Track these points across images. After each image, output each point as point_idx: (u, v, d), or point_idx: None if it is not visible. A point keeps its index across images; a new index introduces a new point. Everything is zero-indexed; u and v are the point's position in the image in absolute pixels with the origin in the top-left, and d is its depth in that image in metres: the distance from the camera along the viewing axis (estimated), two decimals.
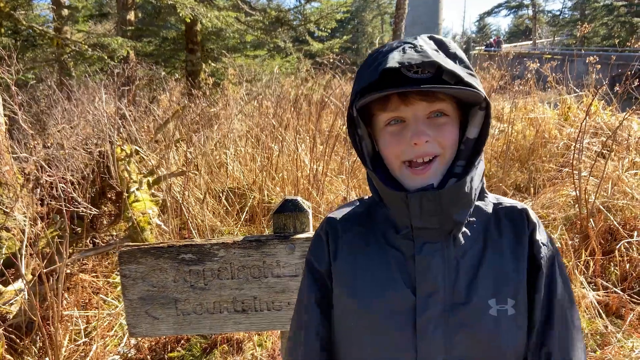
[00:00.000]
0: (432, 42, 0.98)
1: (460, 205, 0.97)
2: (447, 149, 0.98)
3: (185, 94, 7.76)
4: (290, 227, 1.69)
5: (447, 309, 0.97)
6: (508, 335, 0.98)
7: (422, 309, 0.97)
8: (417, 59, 0.90)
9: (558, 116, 6.52)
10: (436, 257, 0.98)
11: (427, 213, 0.96)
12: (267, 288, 1.67)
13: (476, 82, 0.95)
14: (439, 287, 0.97)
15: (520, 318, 0.99)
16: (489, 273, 0.98)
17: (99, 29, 13.08)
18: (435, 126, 0.96)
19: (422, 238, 0.99)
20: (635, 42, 6.70)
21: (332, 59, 6.59)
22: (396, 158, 0.98)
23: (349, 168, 4.80)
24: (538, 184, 5.11)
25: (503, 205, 1.06)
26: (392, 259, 1.01)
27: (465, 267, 0.98)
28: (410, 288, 0.98)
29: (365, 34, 38.02)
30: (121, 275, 1.67)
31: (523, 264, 1.00)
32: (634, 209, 3.82)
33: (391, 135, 0.98)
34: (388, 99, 0.96)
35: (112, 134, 4.52)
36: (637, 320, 3.10)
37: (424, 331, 0.97)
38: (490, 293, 0.97)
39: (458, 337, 0.96)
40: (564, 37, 34.14)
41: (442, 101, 0.96)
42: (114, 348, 3.28)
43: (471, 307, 0.96)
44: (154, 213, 3.55)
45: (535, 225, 1.04)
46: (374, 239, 1.05)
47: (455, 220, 0.97)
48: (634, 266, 3.43)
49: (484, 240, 1.01)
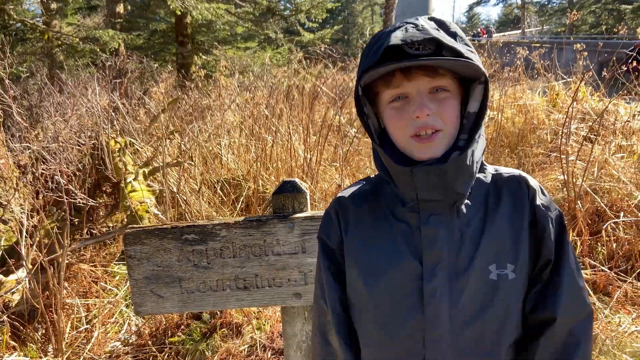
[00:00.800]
0: (433, 22, 1.02)
1: (463, 178, 1.02)
2: (449, 123, 1.02)
3: (177, 87, 7.77)
4: (289, 207, 1.75)
5: (451, 277, 1.03)
6: (508, 298, 1.04)
7: (428, 277, 1.03)
8: (419, 36, 0.95)
9: (546, 103, 6.62)
10: (441, 228, 1.04)
11: (432, 186, 1.01)
12: (267, 266, 1.74)
13: (475, 58, 1.00)
14: (444, 257, 1.03)
15: (521, 281, 1.04)
16: (490, 241, 1.04)
17: (87, 22, 12.99)
18: (437, 101, 1.01)
19: (428, 210, 1.04)
20: (622, 29, 6.80)
21: (325, 47, 6.63)
22: (402, 133, 1.03)
23: (343, 157, 4.86)
24: (527, 169, 5.20)
25: (502, 175, 1.11)
26: (399, 231, 1.07)
27: (468, 237, 1.04)
28: (416, 258, 1.05)
29: (356, 25, 37.98)
30: (126, 256, 1.73)
31: (523, 230, 1.05)
32: (620, 191, 3.92)
33: (395, 111, 1.03)
34: (392, 76, 1.01)
35: (106, 126, 4.55)
36: (623, 296, 3.20)
37: (430, 297, 1.03)
38: (491, 259, 1.03)
39: (462, 302, 1.03)
40: (553, 26, 34.30)
41: (443, 77, 1.01)
42: (115, 335, 3.34)
43: (473, 273, 1.02)
44: (152, 202, 3.60)
45: (536, 190, 1.08)
46: (381, 214, 1.11)
47: (458, 193, 1.03)
48: (620, 245, 3.54)
49: (484, 210, 1.06)
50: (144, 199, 3.57)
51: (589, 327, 1.06)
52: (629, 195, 3.85)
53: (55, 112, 4.92)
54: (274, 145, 5.09)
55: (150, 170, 4.43)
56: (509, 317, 1.05)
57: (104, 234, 3.55)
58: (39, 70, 7.21)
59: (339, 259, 1.17)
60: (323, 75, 7.76)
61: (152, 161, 4.70)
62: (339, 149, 5.21)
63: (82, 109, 4.95)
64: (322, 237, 1.20)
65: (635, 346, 2.64)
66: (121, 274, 3.89)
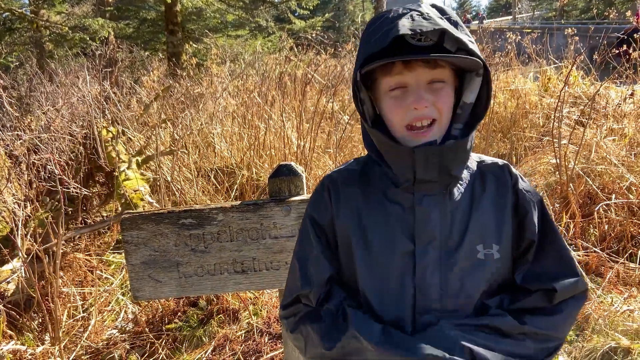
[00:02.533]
0: (435, 10, 1.03)
1: (459, 162, 1.06)
2: (443, 113, 1.05)
3: (169, 75, 7.72)
4: (285, 190, 1.76)
5: (442, 256, 1.07)
6: (493, 275, 1.09)
7: (420, 255, 1.06)
8: (428, 26, 0.95)
9: (538, 87, 6.64)
10: (434, 209, 1.07)
11: (430, 166, 1.03)
12: (265, 249, 1.75)
13: (477, 49, 1.02)
14: (436, 236, 1.07)
15: (503, 261, 1.10)
16: (477, 223, 1.08)
17: (76, 11, 12.82)
18: (433, 91, 1.03)
19: (422, 191, 1.07)
20: (612, 14, 6.82)
21: (316, 34, 6.61)
22: (399, 121, 1.05)
23: (336, 143, 4.86)
24: (520, 153, 5.24)
25: (486, 163, 1.16)
26: (392, 212, 1.10)
27: (458, 218, 1.08)
28: (409, 237, 1.07)
29: (347, 12, 37.77)
30: (124, 242, 1.73)
31: (507, 213, 1.10)
32: (612, 174, 3.96)
33: (394, 100, 1.05)
34: (392, 64, 1.02)
35: (98, 115, 4.52)
36: (615, 277, 3.25)
37: (422, 274, 1.06)
38: (479, 239, 1.08)
39: (451, 278, 1.06)
40: (544, 11, 34.27)
41: (442, 68, 1.03)
42: (112, 322, 3.35)
43: (463, 252, 1.07)
44: (146, 190, 3.60)
45: (517, 177, 1.14)
46: (374, 196, 1.13)
47: (453, 175, 1.06)
48: (612, 227, 3.58)
49: (471, 195, 1.11)
50: (138, 187, 3.56)
51: (580, 305, 1.10)
52: (621, 177, 3.88)
53: (46, 101, 4.88)
54: (267, 133, 5.08)
55: (144, 159, 4.41)
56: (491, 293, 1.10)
57: (99, 223, 3.54)
58: (28, 60, 7.12)
59: (330, 235, 1.17)
60: (315, 63, 7.73)
61: (145, 150, 4.68)
62: (332, 136, 5.21)
63: (73, 98, 4.91)
64: (313, 214, 1.19)
65: (627, 325, 2.69)
66: (116, 263, 3.89)
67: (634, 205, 3.66)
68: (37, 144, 3.90)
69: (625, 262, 3.28)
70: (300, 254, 1.21)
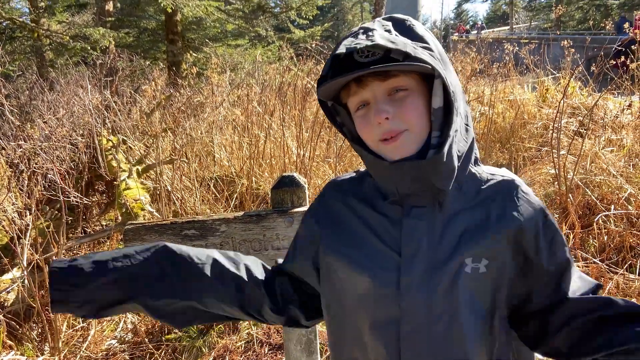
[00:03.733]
0: (390, 23, 1.01)
1: (441, 174, 1.01)
2: (413, 122, 1.00)
3: (170, 84, 7.75)
4: (287, 201, 1.77)
5: (429, 269, 1.02)
6: (481, 292, 1.03)
7: (406, 269, 1.03)
8: (363, 43, 0.94)
9: (536, 98, 6.68)
10: (422, 221, 1.03)
11: (410, 180, 1.01)
12: (267, 260, 1.74)
13: (428, 55, 0.97)
14: (423, 249, 1.02)
15: (495, 278, 1.03)
16: (472, 237, 1.02)
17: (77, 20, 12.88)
18: (395, 101, 0.99)
19: (410, 203, 1.04)
20: (609, 25, 6.87)
21: (315, 44, 6.65)
22: (370, 138, 1.03)
23: (336, 152, 4.88)
24: (519, 163, 5.26)
25: (495, 176, 1.09)
26: (378, 224, 1.08)
27: (449, 231, 1.03)
28: (395, 250, 1.04)
29: (346, 22, 38.01)
30: None
31: (506, 232, 1.03)
32: (611, 184, 3.98)
33: (361, 119, 1.03)
34: (347, 86, 1.01)
35: (99, 124, 4.53)
36: (615, 288, 3.25)
37: (407, 289, 1.02)
38: (468, 253, 1.02)
39: (438, 294, 1.02)
40: (541, 22, 34.53)
41: (395, 77, 0.99)
42: (111, 333, 3.34)
43: (450, 267, 1.01)
44: (147, 200, 3.60)
45: (526, 196, 1.06)
46: (362, 207, 1.11)
47: (437, 188, 1.02)
48: (611, 238, 3.59)
49: (472, 207, 1.05)
50: (138, 196, 3.56)
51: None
52: (619, 188, 3.90)
53: (47, 110, 4.90)
54: (266, 142, 5.10)
55: (144, 168, 4.42)
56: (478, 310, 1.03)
57: (99, 232, 3.54)
58: (28, 69, 7.14)
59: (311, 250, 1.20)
60: (314, 72, 7.77)
61: (145, 159, 4.69)
62: (331, 145, 5.23)
63: (74, 107, 4.93)
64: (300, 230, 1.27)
65: None
66: None
67: (632, 216, 3.68)
68: (37, 152, 3.91)
69: (625, 273, 3.29)
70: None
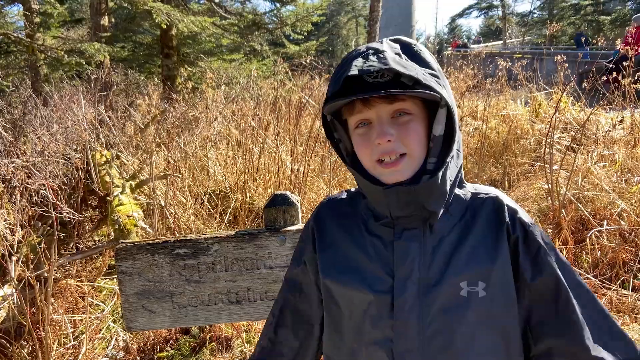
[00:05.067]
0: (398, 46, 1.02)
1: (435, 198, 1.03)
2: (413, 147, 1.02)
3: (164, 99, 7.76)
4: (280, 220, 1.77)
5: (421, 291, 1.03)
6: (479, 315, 1.03)
7: (399, 291, 1.04)
8: (377, 66, 0.95)
9: (529, 113, 6.73)
10: (414, 243, 1.05)
11: (404, 204, 1.02)
12: (259, 279, 1.74)
13: (435, 82, 0.99)
14: (415, 271, 1.04)
15: (494, 301, 1.03)
16: (463, 258, 1.03)
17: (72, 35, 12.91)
18: (398, 125, 1.01)
19: (401, 225, 1.06)
20: (601, 40, 6.95)
21: (310, 60, 6.69)
22: (368, 159, 1.04)
23: (330, 167, 4.89)
24: (512, 178, 5.28)
25: (480, 194, 1.10)
26: (371, 246, 1.09)
27: (440, 253, 1.04)
28: (388, 272, 1.06)
29: (341, 37, 38.29)
30: (118, 272, 1.72)
31: (499, 251, 1.04)
32: (603, 200, 4.00)
33: (360, 137, 1.04)
34: (353, 104, 1.02)
35: (92, 139, 4.52)
36: (609, 304, 3.25)
37: (400, 312, 1.03)
38: (462, 276, 1.03)
39: (431, 316, 1.03)
40: (534, 37, 34.92)
41: (402, 101, 1.00)
42: (102, 351, 3.30)
43: (443, 288, 1.02)
44: (140, 216, 3.58)
45: (515, 211, 1.08)
46: (356, 228, 1.13)
47: (430, 211, 1.03)
48: (604, 253, 3.60)
49: (460, 228, 1.06)
50: (131, 212, 3.55)
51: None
52: (612, 203, 3.92)
53: (40, 125, 4.88)
54: (261, 157, 5.10)
55: (138, 184, 4.40)
56: (480, 335, 1.04)
57: (91, 249, 3.52)
58: (22, 83, 7.14)
59: (308, 269, 1.21)
60: (309, 87, 7.81)
61: (139, 174, 4.67)
62: (326, 160, 5.23)
63: (67, 122, 4.92)
64: (298, 247, 1.26)
65: None
66: (108, 289, 3.84)
67: (625, 232, 3.69)
68: (30, 168, 3.89)
69: (618, 289, 3.30)
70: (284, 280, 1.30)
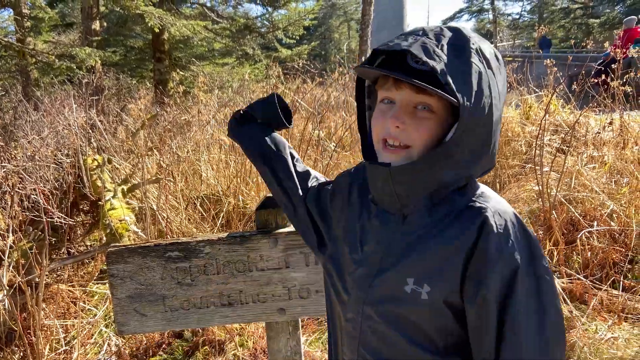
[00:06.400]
0: (450, 34, 0.98)
1: (410, 192, 1.03)
2: (418, 144, 1.00)
3: (156, 103, 7.74)
4: (272, 222, 1.77)
5: (374, 273, 1.10)
6: (419, 317, 1.03)
7: (358, 264, 1.14)
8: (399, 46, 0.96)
9: (520, 115, 6.78)
10: (387, 226, 1.10)
11: (379, 186, 1.07)
12: (252, 281, 1.75)
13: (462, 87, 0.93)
14: (378, 252, 1.10)
15: (438, 309, 1.01)
16: (422, 257, 1.02)
17: (63, 39, 12.86)
18: (416, 118, 1.00)
19: (382, 206, 1.12)
20: (590, 43, 7.02)
21: (302, 63, 6.71)
22: (376, 133, 1.07)
23: (322, 170, 4.90)
24: (503, 180, 5.31)
25: (475, 204, 1.03)
26: (360, 217, 1.18)
27: (403, 243, 1.06)
28: (361, 245, 1.15)
29: (333, 40, 38.37)
30: (109, 275, 1.72)
31: (456, 263, 0.99)
32: (593, 201, 4.03)
33: (380, 112, 1.07)
34: (387, 79, 1.04)
35: (84, 143, 4.51)
36: (599, 304, 3.28)
37: (353, 282, 1.14)
38: (411, 272, 1.03)
39: (372, 299, 1.10)
40: (524, 40, 35.14)
41: (430, 96, 0.97)
42: (95, 356, 3.28)
43: (392, 276, 1.06)
44: (132, 220, 3.57)
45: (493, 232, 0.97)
46: (357, 196, 1.23)
47: (402, 202, 1.05)
48: (595, 254, 3.63)
49: (436, 228, 1.03)
50: (123, 216, 3.53)
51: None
52: (602, 204, 3.95)
53: (31, 130, 4.86)
54: None
55: (129, 188, 4.39)
56: (417, 336, 1.04)
57: (83, 253, 3.50)
58: (13, 88, 7.10)
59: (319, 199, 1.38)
60: (301, 91, 7.82)
61: (130, 178, 4.66)
62: (318, 163, 5.24)
63: (58, 126, 4.90)
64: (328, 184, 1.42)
65: (611, 352, 2.71)
66: (100, 293, 3.82)
67: (615, 233, 3.72)
68: (21, 173, 3.87)
69: (608, 289, 3.32)
70: None
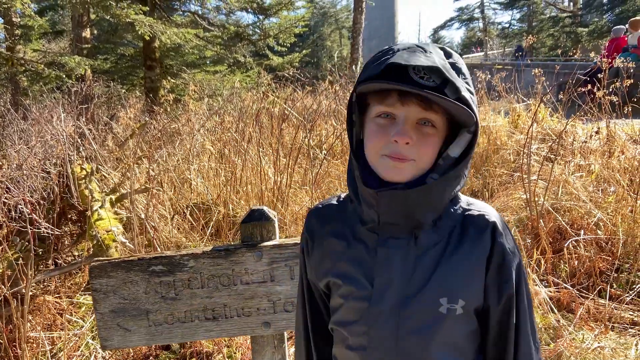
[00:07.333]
0: (442, 52, 1.01)
1: (426, 209, 1.02)
2: (424, 158, 1.00)
3: (146, 111, 7.72)
4: (257, 235, 1.77)
5: (399, 303, 1.03)
6: (453, 332, 1.04)
7: (376, 300, 1.04)
8: (424, 62, 0.94)
9: (508, 124, 6.83)
10: (397, 252, 1.03)
11: (394, 210, 1.01)
12: (236, 295, 1.74)
13: (474, 103, 0.98)
14: (395, 281, 1.03)
15: (469, 319, 1.05)
16: (445, 274, 1.02)
17: (53, 47, 12.81)
18: (420, 134, 0.99)
19: (387, 233, 1.04)
20: (578, 52, 7.11)
21: (293, 72, 6.73)
22: (375, 150, 1.02)
23: (313, 179, 4.90)
24: (492, 188, 5.34)
25: (472, 211, 1.08)
26: (356, 252, 1.08)
27: (423, 265, 1.03)
28: (368, 280, 1.06)
29: (325, 48, 38.48)
30: (92, 290, 1.71)
31: (480, 271, 1.04)
32: (580, 209, 4.06)
33: (378, 127, 1.01)
34: (388, 94, 0.99)
35: (72, 153, 4.48)
36: (586, 313, 3.29)
37: (374, 321, 1.04)
38: (443, 292, 1.02)
39: (407, 329, 1.03)
40: (514, 49, 35.49)
41: (435, 112, 0.98)
42: None
43: (422, 302, 1.02)
44: (119, 231, 3.55)
45: (502, 234, 1.06)
46: (342, 233, 1.12)
47: (418, 221, 1.02)
48: (582, 263, 3.65)
49: (446, 242, 1.04)
50: (110, 227, 3.51)
51: None
52: (588, 213, 3.99)
53: (18, 139, 4.83)
54: (243, 169, 5.09)
55: (118, 197, 4.37)
56: (454, 352, 1.06)
57: (69, 265, 3.47)
58: (2, 97, 7.06)
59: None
60: (292, 99, 7.83)
61: (119, 188, 4.64)
62: (309, 172, 5.24)
63: (46, 135, 4.87)
64: (300, 258, 1.27)
65: None
66: (87, 305, 3.79)
67: (602, 241, 3.75)
68: (7, 183, 3.84)
69: (595, 298, 3.34)
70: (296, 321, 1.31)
